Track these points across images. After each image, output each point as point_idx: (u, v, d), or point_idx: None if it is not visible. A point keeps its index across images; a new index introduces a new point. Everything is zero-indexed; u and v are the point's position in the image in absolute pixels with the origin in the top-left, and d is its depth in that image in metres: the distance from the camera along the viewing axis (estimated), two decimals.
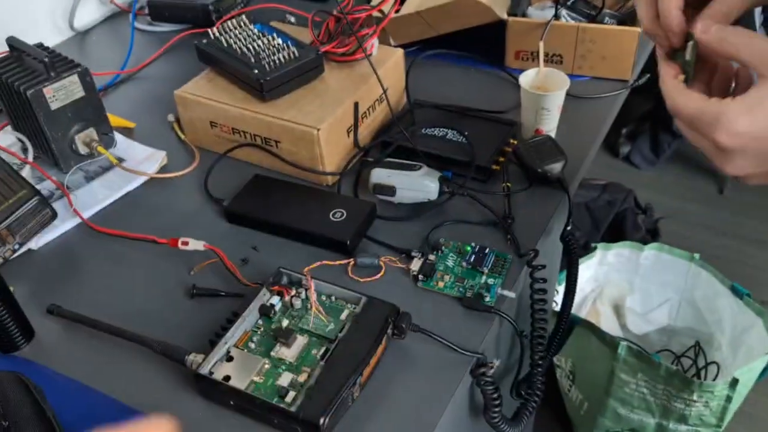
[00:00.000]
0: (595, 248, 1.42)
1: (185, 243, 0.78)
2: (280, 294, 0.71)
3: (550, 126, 0.93)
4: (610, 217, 1.79)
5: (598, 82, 1.07)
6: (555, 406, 1.49)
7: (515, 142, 0.92)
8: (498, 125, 0.94)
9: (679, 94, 0.53)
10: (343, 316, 0.69)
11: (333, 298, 0.71)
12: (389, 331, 0.67)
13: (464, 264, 0.76)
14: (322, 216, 0.81)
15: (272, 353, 0.65)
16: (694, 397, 1.18)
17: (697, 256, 1.38)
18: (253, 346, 0.67)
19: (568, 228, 0.85)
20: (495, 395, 0.70)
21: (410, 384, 0.66)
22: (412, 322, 0.68)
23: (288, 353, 0.65)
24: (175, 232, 0.83)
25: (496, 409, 0.71)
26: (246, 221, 0.84)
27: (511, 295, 0.73)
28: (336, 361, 0.63)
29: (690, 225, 1.97)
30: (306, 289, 0.71)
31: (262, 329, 0.69)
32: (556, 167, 0.85)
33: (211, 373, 0.64)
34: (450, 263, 0.77)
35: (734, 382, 1.17)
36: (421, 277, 0.75)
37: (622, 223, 1.78)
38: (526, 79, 0.92)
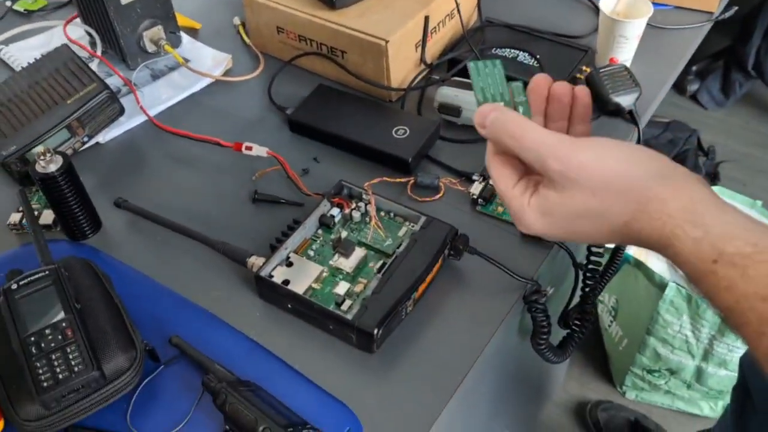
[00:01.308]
0: None
1: (249, 148, 0.78)
2: (340, 206, 0.71)
3: (626, 55, 0.89)
4: (670, 156, 1.74)
5: (681, 13, 1.01)
6: (593, 339, 1.50)
7: (588, 69, 0.89)
8: (572, 50, 0.91)
9: (492, 168, 0.51)
10: (401, 233, 0.69)
11: (392, 214, 0.71)
12: (446, 251, 0.67)
13: None
14: (384, 132, 0.80)
15: (331, 262, 0.67)
16: (739, 344, 1.17)
17: (759, 203, 1.34)
18: (312, 253, 0.68)
19: None
20: (545, 322, 0.70)
21: (463, 304, 0.67)
22: (470, 244, 0.68)
23: (346, 263, 0.66)
24: (238, 137, 0.84)
25: (544, 336, 0.72)
26: (308, 131, 0.84)
27: None
28: (392, 276, 0.64)
29: (752, 171, 1.90)
30: (366, 204, 0.71)
31: (321, 238, 0.70)
32: (629, 99, 0.81)
33: (271, 276, 0.65)
34: None
35: None
36: (480, 201, 0.75)
37: (682, 163, 1.73)
38: (607, 3, 0.88)
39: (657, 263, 1.45)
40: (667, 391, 1.34)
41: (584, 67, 0.89)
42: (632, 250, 1.29)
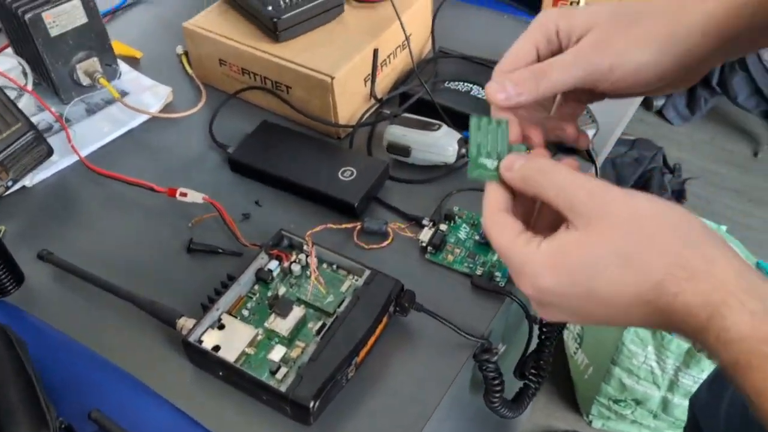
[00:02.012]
0: None
1: (184, 194, 0.73)
2: (279, 259, 0.67)
3: None
4: (636, 175, 1.72)
5: None
6: (559, 366, 1.47)
7: None
8: None
9: (493, 223, 0.44)
10: (344, 287, 0.65)
11: (335, 267, 0.67)
12: (391, 308, 0.63)
13: (477, 238, 0.71)
14: (330, 173, 0.76)
15: (266, 323, 0.62)
16: (704, 376, 1.14)
17: (723, 227, 1.32)
18: (246, 313, 0.63)
19: None
20: (497, 381, 0.66)
21: (409, 366, 0.63)
22: (416, 300, 0.64)
23: (282, 325, 0.62)
24: (177, 177, 0.79)
25: (497, 395, 0.68)
26: (250, 172, 0.79)
27: None
28: (332, 338, 0.59)
29: (718, 188, 1.89)
30: (307, 255, 0.67)
31: (257, 295, 0.65)
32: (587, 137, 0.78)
33: (200, 341, 0.61)
34: (462, 236, 0.72)
35: None
36: (430, 248, 0.70)
37: (648, 182, 1.71)
38: None
39: None
40: (633, 420, 1.32)
41: None
42: None
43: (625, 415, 1.31)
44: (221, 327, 0.62)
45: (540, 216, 0.47)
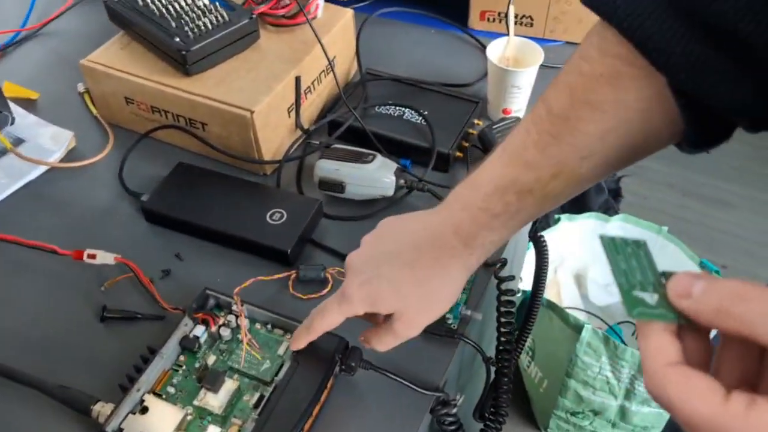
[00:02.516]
0: (559, 219, 1.34)
1: (92, 256, 0.65)
2: (205, 323, 0.59)
3: (519, 104, 0.82)
4: None
5: (573, 48, 0.95)
6: (514, 379, 1.43)
7: (480, 123, 0.81)
8: (461, 102, 0.82)
9: (679, 386, 0.30)
10: (281, 350, 0.58)
11: (269, 326, 0.60)
12: (336, 368, 0.57)
13: None
14: (258, 218, 0.69)
15: (196, 401, 0.55)
16: None
17: (665, 229, 1.31)
18: (172, 391, 0.56)
19: (538, 224, 0.75)
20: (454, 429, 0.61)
21: (362, 430, 0.56)
22: (363, 357, 0.57)
23: (214, 401, 0.54)
24: (85, 234, 0.71)
25: None
26: (168, 222, 0.72)
27: (478, 316, 0.64)
28: (273, 412, 0.53)
29: (652, 184, 1.91)
30: (236, 316, 0.60)
31: (184, 368, 0.57)
32: None
33: (120, 430, 0.53)
34: None
35: None
36: None
37: None
38: (494, 51, 0.80)
39: (567, 294, 1.41)
40: (592, 431, 1.29)
41: (476, 121, 0.81)
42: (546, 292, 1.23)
43: (583, 427, 1.28)
44: (144, 410, 0.54)
45: (724, 361, 0.33)
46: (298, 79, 0.77)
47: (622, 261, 0.37)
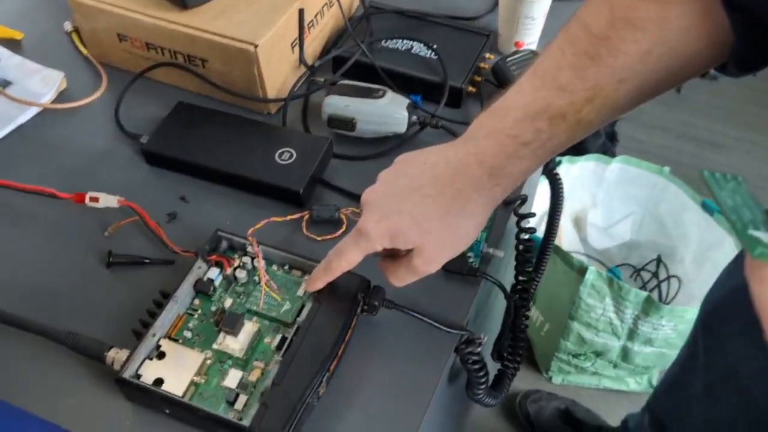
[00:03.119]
0: (560, 162, 1.32)
1: (94, 199, 0.62)
2: (219, 265, 0.57)
3: (533, 37, 0.79)
4: None
5: None
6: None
7: (491, 57, 0.78)
8: (471, 36, 0.79)
9: None
10: (301, 291, 0.56)
11: (287, 267, 0.58)
12: (358, 308, 0.55)
13: None
14: (266, 157, 0.66)
15: (215, 344, 0.52)
16: (663, 322, 1.13)
17: (666, 169, 1.30)
18: (189, 335, 0.54)
19: (556, 159, 0.73)
20: (482, 373, 0.59)
21: (387, 371, 0.55)
22: (386, 296, 0.55)
23: (235, 344, 0.52)
24: (83, 178, 0.67)
25: (482, 386, 0.61)
26: (170, 164, 0.68)
27: (500, 254, 0.62)
28: (297, 354, 0.51)
29: (647, 128, 1.89)
30: (252, 258, 0.57)
31: (200, 312, 0.55)
32: None
33: (138, 375, 0.51)
34: None
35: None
36: None
37: None
38: None
39: (566, 237, 1.40)
40: (594, 372, 1.30)
41: (488, 55, 0.77)
42: (542, 226, 1.22)
43: (585, 368, 1.29)
44: (161, 356, 0.52)
45: None
46: (301, 12, 0.73)
47: (728, 197, 0.35)
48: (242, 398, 0.50)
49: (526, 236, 0.64)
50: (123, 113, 0.73)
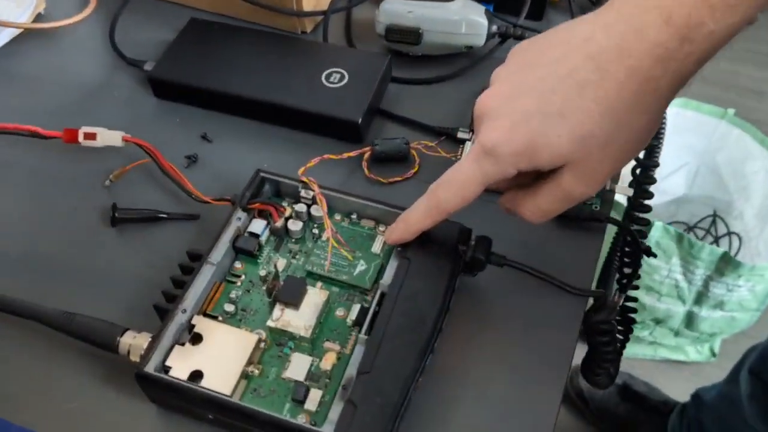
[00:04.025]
0: None
1: (90, 136, 0.47)
2: (264, 216, 0.42)
3: None
4: None
5: None
6: None
7: None
8: None
9: None
10: (377, 247, 0.42)
11: (354, 217, 0.43)
12: (461, 266, 0.40)
13: None
14: (310, 81, 0.51)
15: (270, 321, 0.38)
16: (741, 282, 1.00)
17: (731, 111, 1.16)
18: (232, 309, 0.39)
19: None
20: (611, 348, 0.46)
21: (496, 347, 0.41)
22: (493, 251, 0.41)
23: (298, 319, 0.38)
24: (74, 115, 0.52)
25: (608, 364, 0.48)
26: (185, 94, 0.53)
27: (628, 191, 0.47)
28: (386, 329, 0.36)
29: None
30: (309, 205, 0.43)
31: (243, 278, 0.41)
32: None
33: (165, 368, 0.36)
34: None
35: None
36: None
37: None
38: None
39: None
40: (651, 341, 1.17)
41: None
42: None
43: (642, 338, 1.16)
44: (196, 339, 0.37)
45: None
46: None
47: None
48: (315, 394, 0.36)
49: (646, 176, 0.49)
50: (120, 36, 0.58)
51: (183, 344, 0.37)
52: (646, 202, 0.46)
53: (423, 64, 0.56)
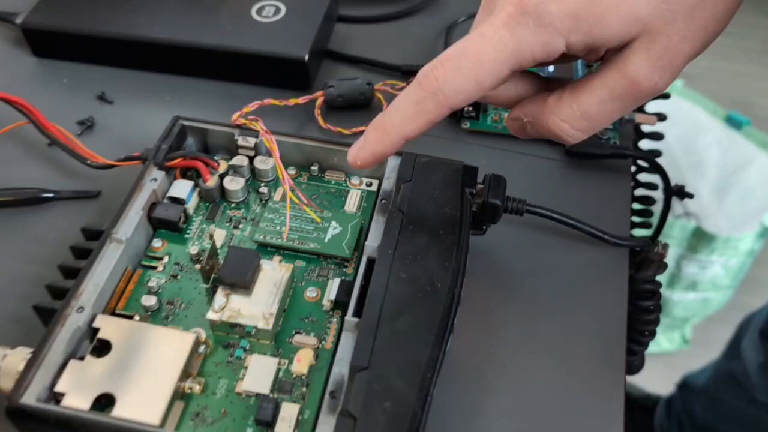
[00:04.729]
0: None
1: None
2: (191, 173, 0.31)
3: None
4: None
5: None
6: None
7: None
8: None
9: None
10: (351, 204, 0.30)
11: (315, 169, 0.32)
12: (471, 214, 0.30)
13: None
14: (235, 15, 0.40)
15: (212, 312, 0.26)
16: (714, 257, 0.93)
17: (679, 83, 1.11)
18: (153, 303, 0.27)
19: None
20: (654, 315, 0.36)
21: (530, 327, 0.30)
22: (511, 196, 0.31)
23: (250, 306, 0.26)
24: None
25: (648, 336, 0.38)
26: (71, 47, 0.41)
27: (652, 120, 0.38)
28: (383, 309, 0.25)
29: None
30: (251, 157, 0.31)
31: (166, 261, 0.28)
32: None
33: (56, 396, 0.24)
34: None
35: (764, 232, 0.94)
36: (466, 111, 0.38)
37: None
38: None
39: None
40: None
41: None
42: None
43: None
44: (102, 349, 0.25)
45: None
46: None
47: None
48: (289, 409, 0.24)
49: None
50: None
51: (82, 358, 0.24)
52: None
53: (374, 1, 0.46)
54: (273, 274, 0.27)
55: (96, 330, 0.25)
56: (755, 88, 1.56)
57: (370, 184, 0.32)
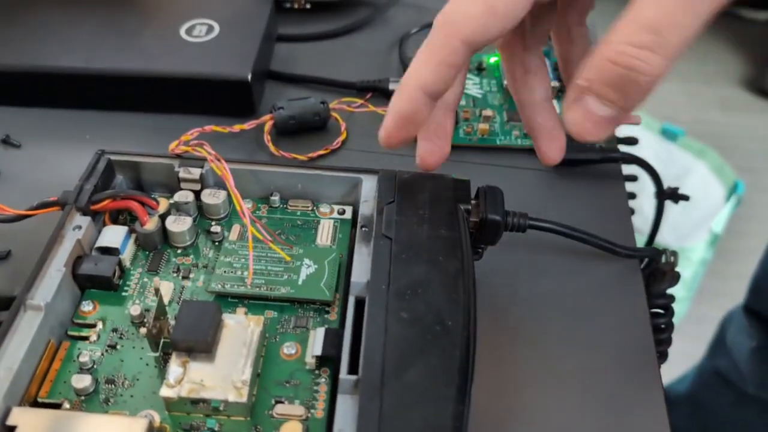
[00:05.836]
0: None
1: None
2: (124, 216, 0.25)
3: None
4: None
5: None
6: None
7: None
8: None
9: None
10: (323, 233, 0.25)
11: (276, 199, 0.27)
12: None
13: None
14: (161, 37, 0.35)
15: (166, 388, 0.20)
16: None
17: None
18: (87, 384, 0.21)
19: None
20: (667, 335, 0.32)
21: (551, 348, 0.26)
22: (512, 210, 0.26)
23: (214, 374, 0.20)
24: None
25: (662, 347, 0.34)
26: None
27: (637, 119, 0.35)
28: (385, 356, 0.20)
29: None
30: (197, 192, 0.26)
31: (100, 327, 0.23)
32: None
33: None
34: (475, 91, 0.36)
35: (714, 239, 0.94)
36: None
37: None
38: None
39: None
40: None
41: None
42: None
43: None
44: None
45: None
46: None
47: None
48: None
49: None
50: None
51: None
52: None
53: (315, 17, 0.42)
54: (240, 330, 0.21)
55: (11, 429, 0.19)
56: (679, 102, 1.58)
57: (343, 212, 0.27)
